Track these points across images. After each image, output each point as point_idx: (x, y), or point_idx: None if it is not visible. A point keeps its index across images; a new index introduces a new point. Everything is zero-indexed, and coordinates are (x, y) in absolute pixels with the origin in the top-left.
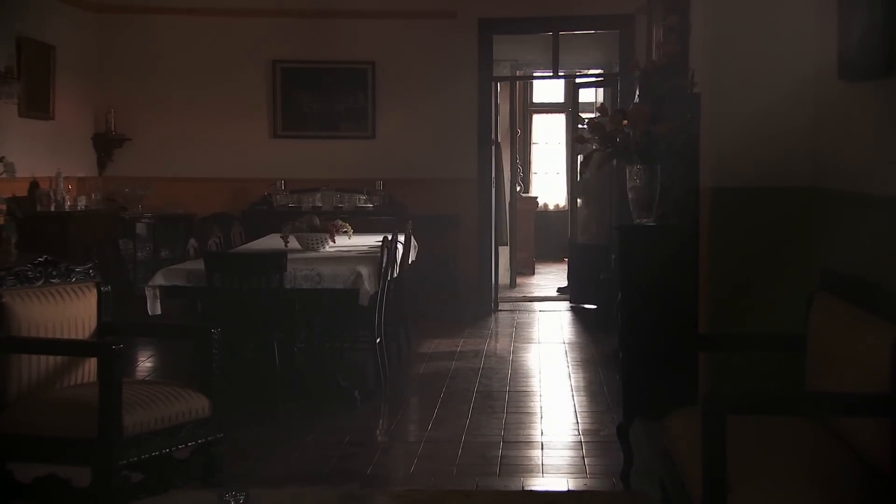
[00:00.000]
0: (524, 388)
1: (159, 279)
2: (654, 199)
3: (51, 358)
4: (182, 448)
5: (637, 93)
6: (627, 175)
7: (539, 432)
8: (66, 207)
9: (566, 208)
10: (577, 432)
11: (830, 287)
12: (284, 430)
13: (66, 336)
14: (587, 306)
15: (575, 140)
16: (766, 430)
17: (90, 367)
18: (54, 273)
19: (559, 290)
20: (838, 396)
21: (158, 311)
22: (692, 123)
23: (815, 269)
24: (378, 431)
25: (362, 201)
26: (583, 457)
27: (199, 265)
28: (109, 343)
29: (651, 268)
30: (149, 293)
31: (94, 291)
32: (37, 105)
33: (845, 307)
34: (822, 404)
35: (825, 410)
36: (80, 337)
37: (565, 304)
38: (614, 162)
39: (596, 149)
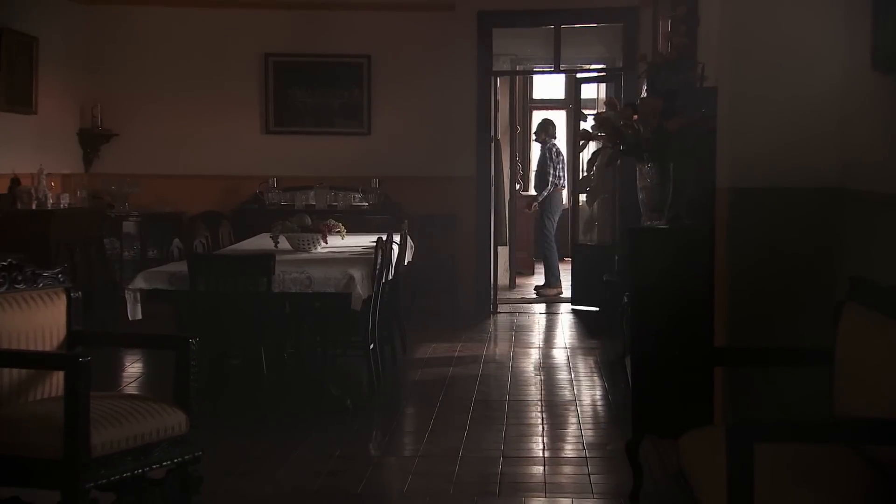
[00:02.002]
0: (525, 397)
1: (140, 282)
2: (666, 199)
3: (14, 371)
4: (157, 468)
5: (645, 87)
6: (638, 174)
7: (541, 446)
8: (49, 205)
9: (567, 207)
10: (581, 446)
11: (861, 297)
12: (271, 444)
13: (31, 347)
14: (589, 308)
15: (582, 136)
16: (791, 452)
17: (58, 380)
18: (20, 278)
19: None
20: (881, 424)
21: (139, 316)
22: (707, 119)
23: (843, 277)
24: (370, 445)
25: (357, 200)
26: (588, 474)
27: (183, 267)
28: (76, 356)
29: (663, 274)
30: (129, 297)
31: (64, 298)
32: (18, 99)
33: (879, 319)
34: (861, 432)
35: (865, 439)
36: (48, 347)
37: (566, 307)
38: (618, 160)
39: (603, 146)
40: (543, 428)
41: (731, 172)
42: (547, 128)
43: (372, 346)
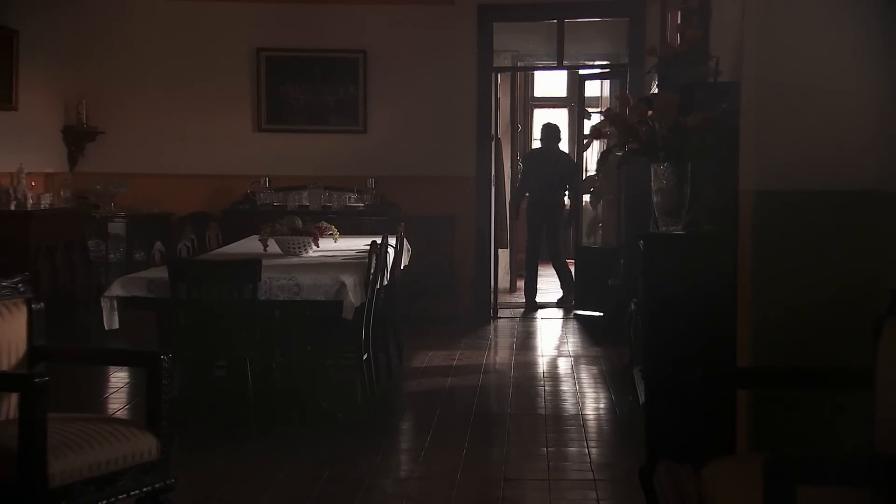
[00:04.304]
0: (527, 411)
1: (117, 289)
2: (683, 202)
3: None
4: (124, 498)
5: (655, 83)
6: (652, 175)
7: (545, 467)
8: (29, 206)
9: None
10: (588, 467)
11: None
12: (255, 464)
13: None
14: (593, 313)
15: (593, 134)
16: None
17: (15, 401)
18: None
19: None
20: None
21: (116, 326)
22: (729, 115)
23: (884, 289)
24: (362, 465)
25: (352, 200)
26: (597, 500)
27: (163, 273)
28: (31, 376)
29: (680, 285)
30: (105, 305)
31: (25, 309)
32: None
33: None
34: None
35: None
36: (6, 365)
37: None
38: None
39: (612, 145)
40: (547, 446)
41: (757, 173)
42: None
43: (365, 357)
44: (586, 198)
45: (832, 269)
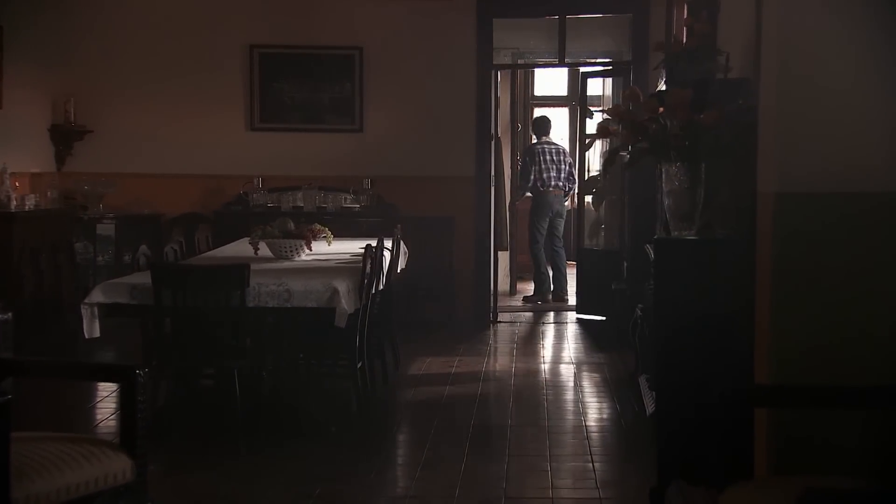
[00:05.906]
0: (528, 422)
1: (97, 295)
2: (696, 206)
3: None
4: None
5: (663, 80)
6: (664, 176)
7: (549, 484)
8: (12, 207)
9: (571, 209)
10: (593, 484)
11: None
12: (244, 479)
13: None
14: (595, 317)
15: (601, 132)
16: None
17: None
18: None
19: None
20: None
21: (97, 334)
22: (745, 112)
23: None
24: (355, 482)
25: (348, 201)
26: None
27: (146, 279)
28: None
29: (693, 293)
30: (85, 312)
31: None
32: None
33: None
34: None
35: None
36: None
37: (570, 315)
38: (626, 158)
39: (617, 144)
40: (550, 461)
41: (779, 175)
42: (534, 125)
43: (360, 364)
44: (588, 199)
45: (860, 277)
